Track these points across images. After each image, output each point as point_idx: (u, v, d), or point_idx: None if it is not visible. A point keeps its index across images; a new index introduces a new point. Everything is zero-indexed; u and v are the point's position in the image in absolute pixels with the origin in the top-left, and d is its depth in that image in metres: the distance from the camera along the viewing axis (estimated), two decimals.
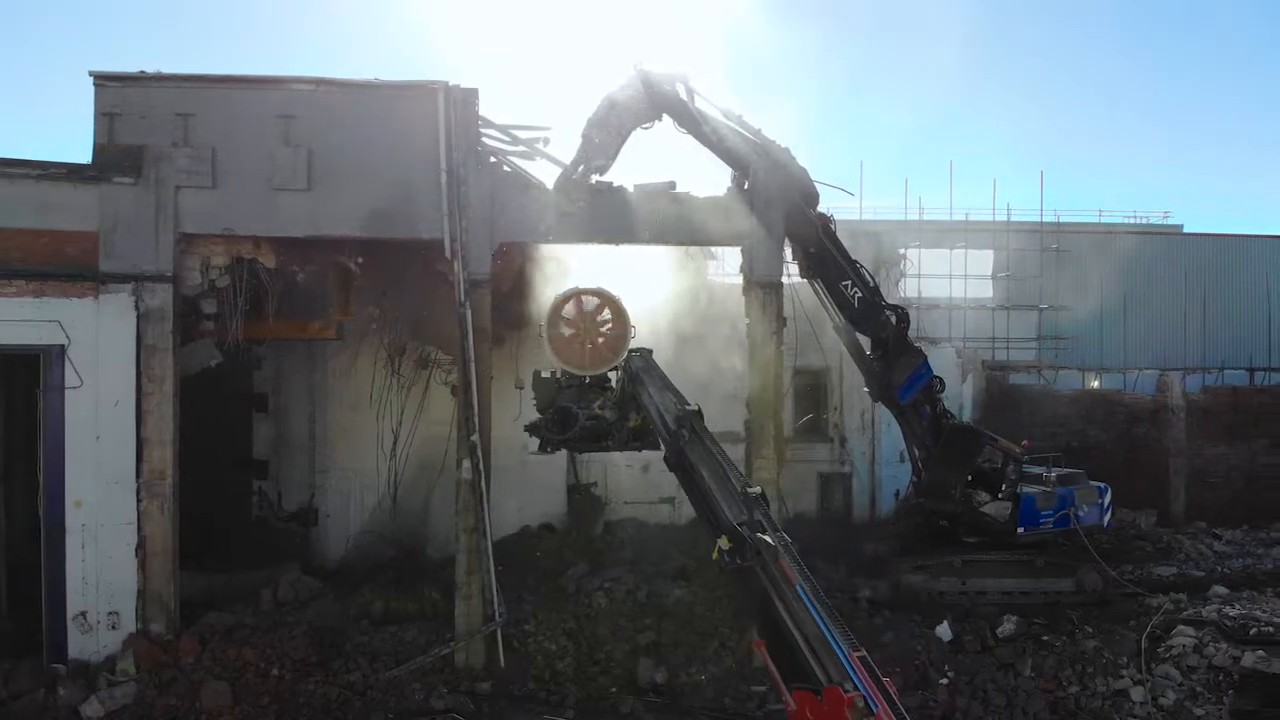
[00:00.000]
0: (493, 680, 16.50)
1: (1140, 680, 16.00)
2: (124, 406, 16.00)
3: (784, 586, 8.64)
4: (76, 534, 15.84)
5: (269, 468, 22.86)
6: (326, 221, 16.65)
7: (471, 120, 16.77)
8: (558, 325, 14.01)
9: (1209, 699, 15.67)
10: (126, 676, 15.32)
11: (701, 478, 10.29)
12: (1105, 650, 16.82)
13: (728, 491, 9.90)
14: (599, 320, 13.92)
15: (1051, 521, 20.03)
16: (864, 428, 25.48)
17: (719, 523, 9.65)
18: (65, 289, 15.71)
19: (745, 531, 9.06)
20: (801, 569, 8.85)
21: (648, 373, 12.43)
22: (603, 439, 13.02)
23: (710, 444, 10.67)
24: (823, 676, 8.12)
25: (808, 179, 18.18)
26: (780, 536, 9.12)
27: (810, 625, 8.36)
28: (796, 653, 8.37)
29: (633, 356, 13.09)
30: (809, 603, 8.50)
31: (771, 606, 8.66)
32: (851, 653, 8.25)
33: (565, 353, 13.87)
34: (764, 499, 9.79)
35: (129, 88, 16.10)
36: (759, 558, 8.83)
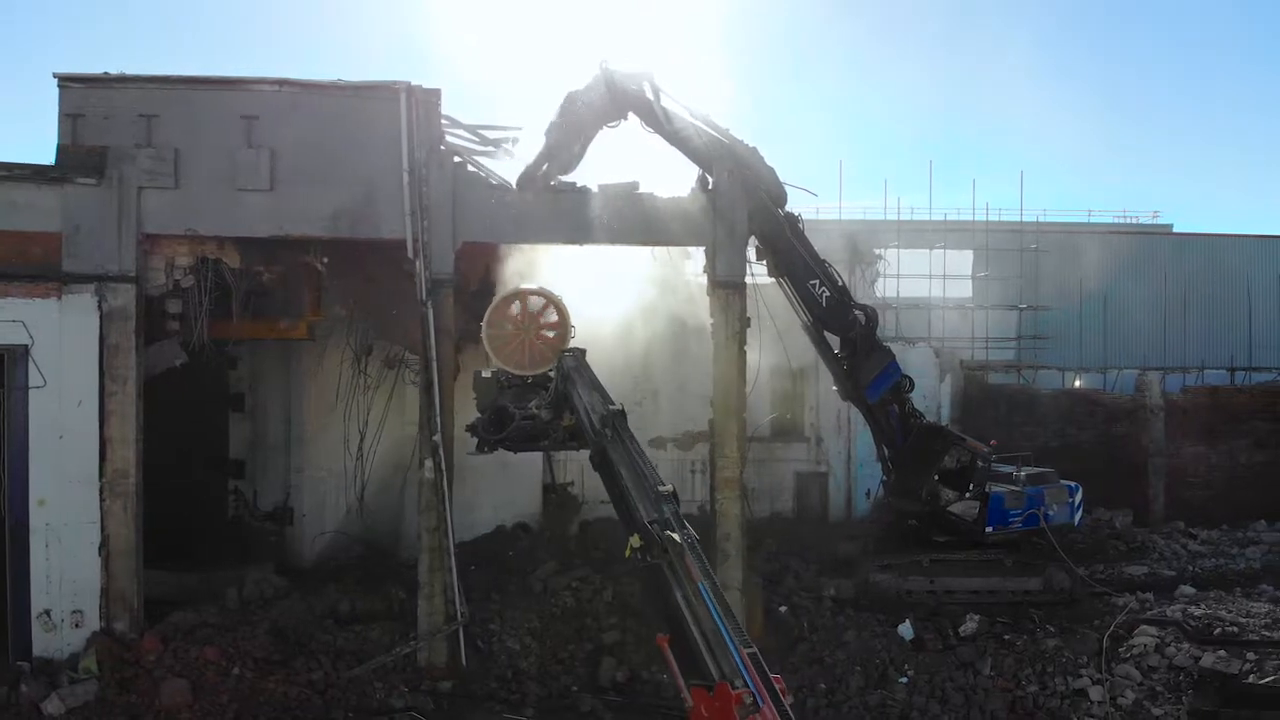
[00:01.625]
0: (455, 679, 16.59)
1: (1099, 680, 16.04)
2: (87, 406, 16.09)
3: (687, 584, 8.74)
4: (40, 533, 15.93)
5: (245, 467, 22.97)
6: (290, 222, 16.74)
7: (434, 120, 16.85)
8: (498, 325, 14.08)
9: (1168, 699, 15.69)
10: (88, 674, 15.39)
11: (620, 476, 10.42)
12: (1065, 650, 16.86)
13: (643, 490, 10.00)
14: (541, 320, 13.99)
15: (1020, 520, 20.07)
16: (840, 428, 25.52)
17: (633, 521, 9.76)
18: (29, 289, 15.81)
19: (655, 529, 9.15)
20: (704, 566, 8.94)
21: (579, 372, 12.53)
22: (539, 439, 13.10)
23: (630, 444, 10.77)
24: (715, 673, 8.24)
25: (775, 178, 18.22)
26: (688, 534, 9.21)
27: (709, 622, 8.46)
28: (694, 649, 8.47)
29: (565, 356, 13.17)
30: (708, 600, 8.59)
31: (674, 603, 8.76)
32: (743, 649, 8.35)
33: (504, 352, 13.95)
34: (675, 498, 9.88)
35: (93, 89, 16.19)
36: (665, 555, 8.92)
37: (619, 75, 16.76)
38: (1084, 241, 29.55)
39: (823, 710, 16.16)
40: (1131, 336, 28.89)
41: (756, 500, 24.93)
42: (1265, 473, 27.14)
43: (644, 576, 9.31)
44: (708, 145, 17.46)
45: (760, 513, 24.88)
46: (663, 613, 9.09)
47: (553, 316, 14.06)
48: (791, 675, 16.83)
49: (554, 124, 16.73)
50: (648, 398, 23.84)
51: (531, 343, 13.83)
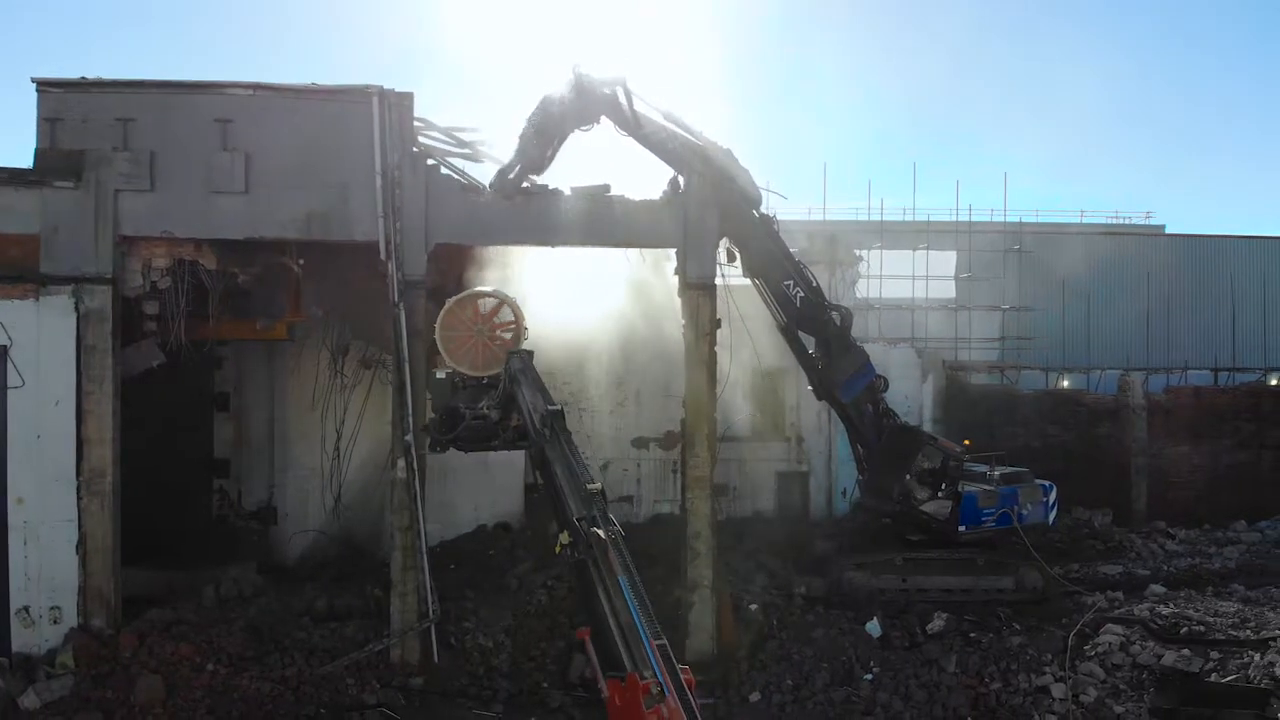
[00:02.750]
0: (426, 675, 16.79)
1: (1062, 677, 16.19)
2: (64, 406, 16.34)
3: (608, 578, 8.97)
4: (19, 531, 16.20)
5: (230, 467, 23.21)
6: (264, 224, 16.97)
7: (407, 123, 17.05)
8: (451, 327, 14.29)
9: (1130, 696, 15.84)
10: (65, 670, 15.65)
11: (555, 475, 10.63)
12: (1030, 647, 17.02)
13: (575, 488, 10.24)
14: (495, 322, 14.20)
15: (993, 520, 20.24)
16: (821, 427, 25.68)
17: (564, 517, 10.00)
18: (7, 290, 16.06)
19: (582, 526, 9.40)
20: (624, 562, 9.18)
21: (524, 374, 12.75)
22: (490, 438, 13.31)
23: (566, 444, 11.01)
24: (629, 664, 8.47)
25: (749, 180, 18.40)
26: (613, 531, 9.45)
27: (625, 615, 8.71)
28: (610, 641, 8.72)
29: (512, 358, 13.38)
30: (626, 594, 8.83)
31: (596, 597, 9.00)
32: (653, 641, 8.58)
33: (458, 353, 14.15)
34: (603, 496, 10.14)
35: (70, 94, 16.44)
36: (590, 551, 9.16)
37: (591, 79, 16.95)
38: (1067, 242, 29.71)
39: (789, 706, 16.35)
40: (1115, 337, 29.09)
41: (737, 499, 25.24)
42: (1247, 473, 27.33)
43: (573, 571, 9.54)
44: (680, 148, 17.66)
45: (741, 512, 25.12)
46: (586, 606, 9.33)
47: (507, 317, 14.25)
48: (759, 672, 17.10)
49: (527, 126, 16.92)
50: (630, 398, 24.10)
51: (485, 344, 14.03)
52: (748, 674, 17.09)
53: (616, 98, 17.17)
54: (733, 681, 16.96)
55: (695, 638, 17.70)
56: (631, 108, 17.32)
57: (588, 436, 23.84)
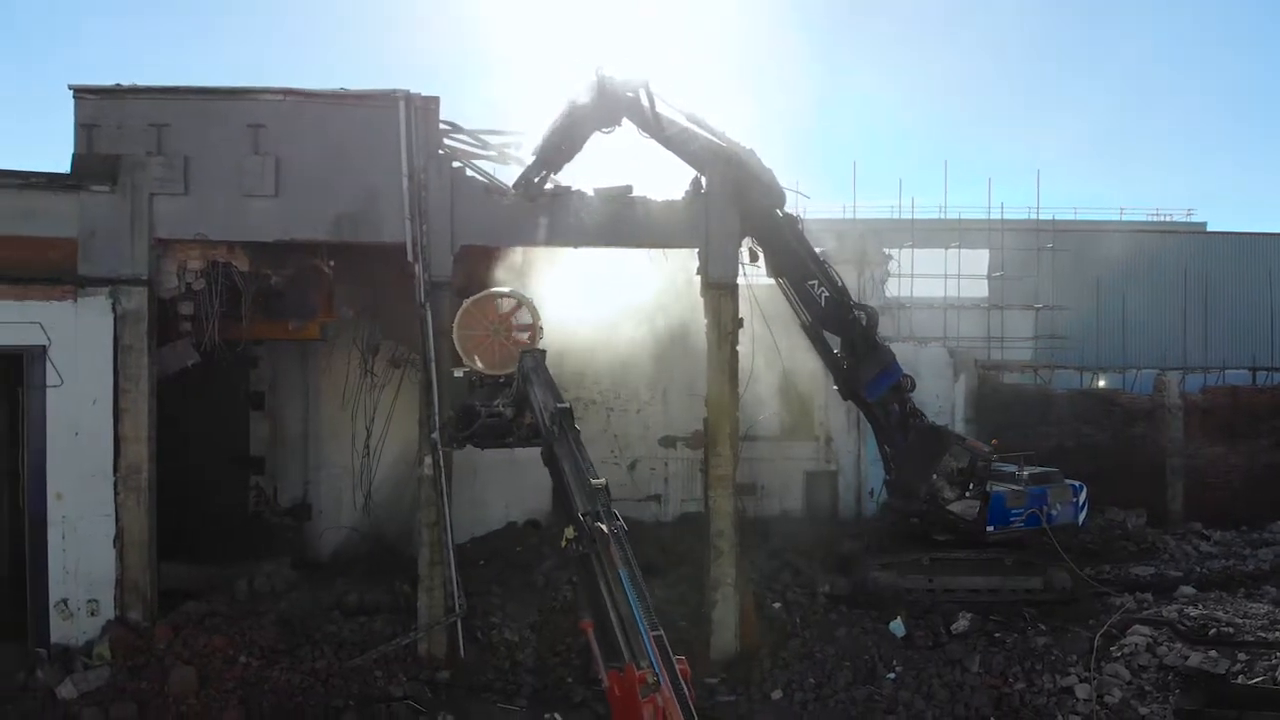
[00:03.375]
0: (453, 669, 17.07)
1: (1086, 678, 16.11)
2: (102, 404, 16.78)
3: (609, 571, 9.16)
4: (58, 525, 16.66)
5: (265, 464, 23.68)
6: (295, 226, 17.34)
7: (433, 127, 17.35)
8: (469, 326, 14.52)
9: (1156, 698, 15.73)
10: (102, 661, 16.10)
11: (563, 471, 10.83)
12: (1055, 648, 16.96)
13: (581, 484, 10.44)
14: (512, 321, 14.42)
15: (1021, 520, 20.15)
16: (850, 427, 25.63)
17: (570, 513, 10.21)
18: (46, 292, 16.53)
19: (586, 521, 9.59)
20: (625, 556, 9.35)
21: (536, 372, 12.94)
22: (504, 435, 13.52)
23: (574, 441, 11.21)
24: (627, 654, 8.66)
25: (773, 180, 18.47)
26: (616, 526, 9.63)
27: (625, 608, 8.89)
28: (611, 632, 8.91)
29: (525, 357, 13.57)
30: (626, 587, 9.01)
31: (599, 590, 9.20)
32: (650, 632, 8.74)
33: (475, 353, 14.38)
34: (607, 492, 10.33)
35: (106, 100, 16.90)
36: (594, 545, 9.35)
37: (613, 81, 17.10)
38: (1103, 240, 29.35)
39: (810, 704, 16.42)
40: (1151, 336, 28.70)
41: (765, 499, 25.26)
42: None
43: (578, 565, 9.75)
44: (702, 149, 17.76)
45: (769, 511, 25.13)
46: (590, 599, 9.54)
47: (524, 317, 14.47)
48: (782, 670, 17.19)
49: (549, 129, 17.12)
50: (657, 397, 24.22)
51: (502, 343, 14.26)
52: (770, 672, 17.18)
53: (639, 100, 17.31)
54: (755, 679, 17.05)
55: (718, 635, 17.83)
56: (653, 109, 17.46)
57: (615, 435, 24.07)
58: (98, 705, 15.28)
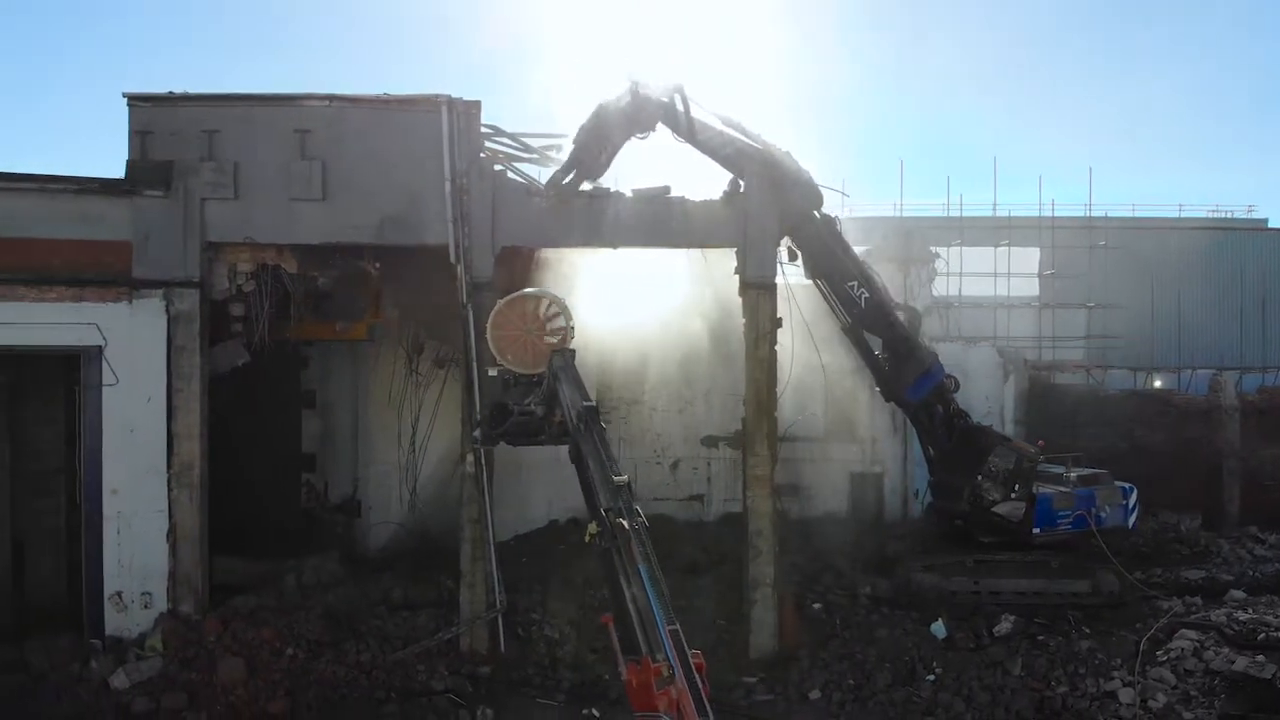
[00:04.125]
0: (493, 664, 17.32)
1: (1130, 682, 15.87)
2: (156, 403, 17.29)
3: (629, 566, 9.29)
4: (113, 520, 17.18)
5: (316, 461, 24.17)
6: (340, 229, 17.70)
7: (474, 131, 17.60)
8: (502, 326, 14.74)
9: (1201, 703, 15.46)
10: (154, 652, 16.58)
11: (588, 468, 10.97)
12: (1099, 651, 16.72)
13: (604, 481, 10.58)
14: (544, 322, 14.60)
15: (1069, 522, 19.89)
16: (896, 428, 25.41)
17: (593, 509, 10.36)
18: (102, 294, 17.07)
19: (609, 517, 9.73)
20: (645, 551, 9.46)
21: (565, 371, 13.09)
22: (536, 433, 13.67)
23: (599, 439, 11.35)
24: (644, 647, 8.77)
25: (810, 181, 18.45)
26: (638, 522, 9.75)
27: (643, 602, 9.02)
28: (629, 626, 9.04)
29: (555, 356, 13.73)
30: (645, 582, 9.13)
31: (619, 584, 9.34)
32: (667, 627, 8.84)
33: (508, 352, 14.58)
34: (629, 489, 10.44)
35: (159, 107, 17.40)
36: (615, 540, 9.48)
37: (647, 88, 17.14)
38: (1156, 237, 28.83)
39: (849, 705, 16.40)
40: (1207, 335, 28.13)
41: (809, 500, 25.15)
42: None
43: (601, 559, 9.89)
44: (737, 153, 17.77)
45: (813, 513, 25.02)
46: (611, 593, 9.70)
47: (556, 318, 14.66)
48: (821, 670, 17.18)
49: (581, 134, 17.23)
50: (699, 397, 24.24)
51: (534, 343, 14.44)
52: (809, 671, 17.17)
53: (673, 105, 17.31)
54: (793, 679, 17.06)
55: (757, 635, 17.86)
56: (687, 115, 17.42)
57: (658, 435, 24.18)
58: (149, 695, 15.76)
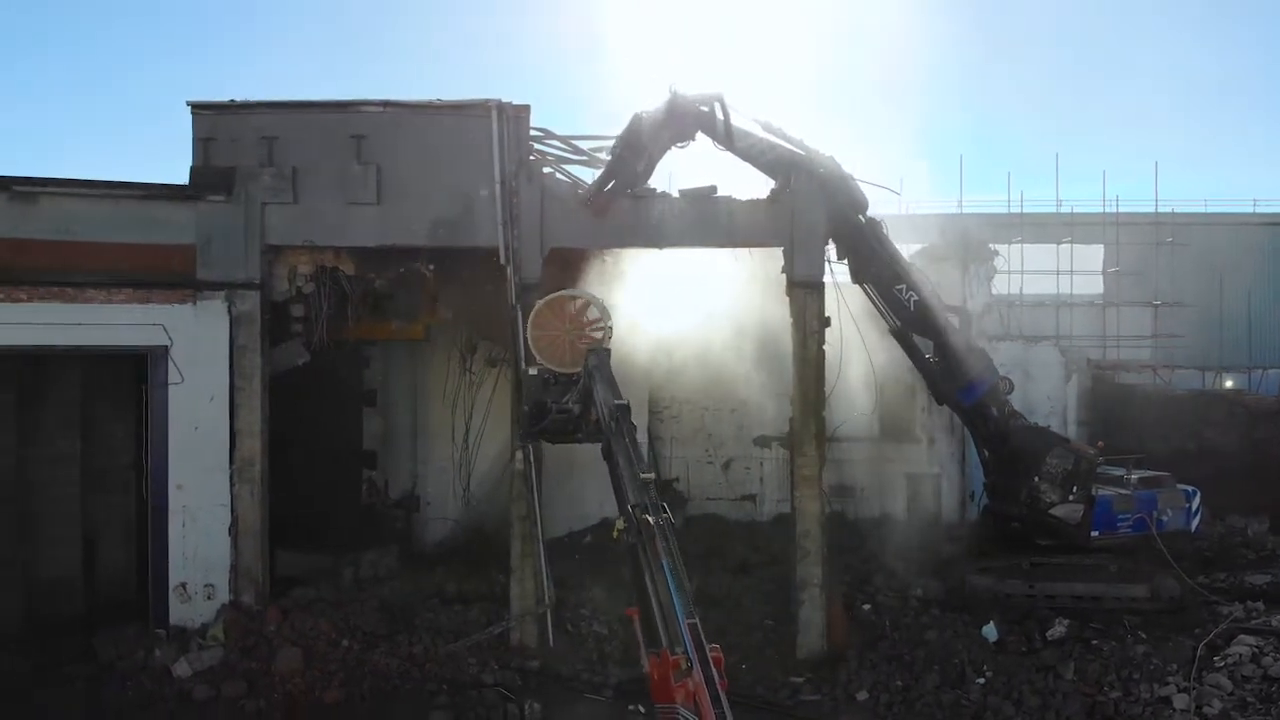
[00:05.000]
0: (542, 659, 17.56)
1: (1186, 688, 15.52)
2: (219, 401, 17.86)
3: (653, 561, 9.43)
4: (178, 514, 17.78)
5: (377, 458, 24.77)
6: (395, 232, 18.10)
7: (523, 134, 17.88)
8: (541, 326, 14.95)
9: (1258, 709, 15.05)
10: (215, 641, 17.15)
11: (618, 465, 11.12)
12: (1155, 657, 16.38)
13: (631, 477, 10.73)
14: (583, 321, 14.77)
15: (1129, 525, 19.52)
16: (953, 429, 25.12)
17: (621, 505, 10.53)
18: (167, 296, 17.67)
19: (635, 513, 9.87)
20: (668, 546, 9.59)
21: (599, 370, 13.21)
22: (574, 431, 13.83)
23: (628, 436, 11.48)
24: (665, 640, 8.90)
25: (854, 185, 18.38)
26: (663, 518, 9.87)
27: (665, 596, 9.15)
28: (651, 619, 9.18)
29: (589, 355, 13.88)
30: (668, 576, 9.26)
31: (643, 579, 9.48)
32: (686, 620, 8.94)
33: (548, 351, 14.79)
34: (655, 485, 10.57)
35: (221, 115, 17.98)
36: (640, 535, 9.63)
37: (686, 97, 17.09)
38: (1227, 235, 28.09)
39: (896, 706, 16.28)
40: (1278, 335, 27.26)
41: (865, 501, 25.09)
42: None
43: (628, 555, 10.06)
44: (779, 160, 17.75)
45: (869, 514, 24.95)
46: (636, 588, 9.86)
47: (594, 317, 14.84)
48: (869, 671, 17.08)
49: (618, 145, 17.32)
50: (751, 396, 24.17)
51: (573, 342, 14.64)
52: (856, 672, 17.09)
53: (712, 115, 17.25)
54: (841, 679, 17.00)
55: (805, 635, 17.84)
56: (727, 123, 17.32)
57: (710, 434, 24.29)
58: (209, 683, 16.29)
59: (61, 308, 17.09)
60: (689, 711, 8.48)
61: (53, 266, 17.05)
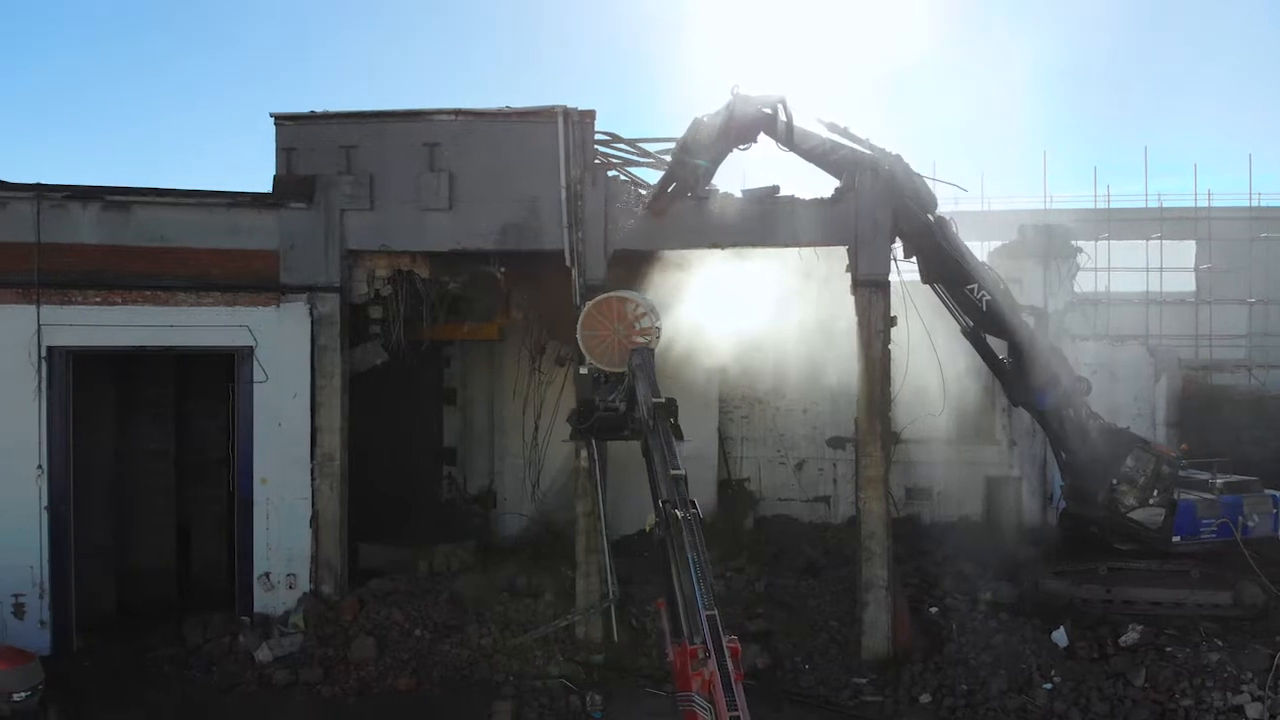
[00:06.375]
0: (606, 653, 17.91)
1: (1260, 697, 15.04)
2: (301, 399, 18.69)
3: (679, 555, 9.65)
4: (262, 507, 18.66)
5: (456, 455, 25.46)
6: (465, 236, 18.70)
7: (588, 139, 18.24)
8: (591, 327, 15.22)
9: None
10: (295, 629, 17.97)
11: (653, 461, 11.35)
12: (1230, 664, 15.87)
13: (664, 473, 10.96)
14: (632, 322, 14.98)
15: (1212, 530, 18.91)
16: (1035, 431, 24.52)
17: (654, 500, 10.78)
18: (253, 299, 18.56)
19: (666, 508, 10.09)
20: (693, 540, 9.80)
21: (642, 369, 13.41)
22: (620, 428, 14.05)
23: (664, 434, 11.68)
24: (686, 630, 9.13)
25: (922, 185, 18.18)
26: (691, 514, 10.08)
27: (688, 588, 9.37)
28: (675, 610, 9.42)
29: (633, 354, 14.09)
30: (692, 569, 9.47)
31: (671, 572, 9.73)
32: (705, 612, 9.15)
33: (597, 351, 15.05)
34: (684, 481, 10.76)
35: (302, 126, 18.80)
36: (668, 530, 9.85)
37: (749, 100, 17.12)
38: None
39: (960, 710, 16.16)
40: None
41: (942, 503, 24.74)
42: None
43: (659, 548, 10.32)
44: (844, 159, 17.67)
45: (946, 516, 24.61)
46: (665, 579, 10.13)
47: (643, 318, 15.04)
48: (933, 674, 16.99)
49: (679, 147, 17.39)
50: (824, 397, 24.12)
51: (622, 342, 14.88)
52: (920, 675, 17.00)
53: (775, 116, 17.25)
54: (904, 682, 16.93)
55: (869, 636, 17.81)
56: (790, 124, 17.32)
57: (781, 435, 24.26)
58: (288, 668, 17.09)
59: (155, 310, 18.12)
60: (704, 700, 8.72)
61: (146, 271, 18.08)
